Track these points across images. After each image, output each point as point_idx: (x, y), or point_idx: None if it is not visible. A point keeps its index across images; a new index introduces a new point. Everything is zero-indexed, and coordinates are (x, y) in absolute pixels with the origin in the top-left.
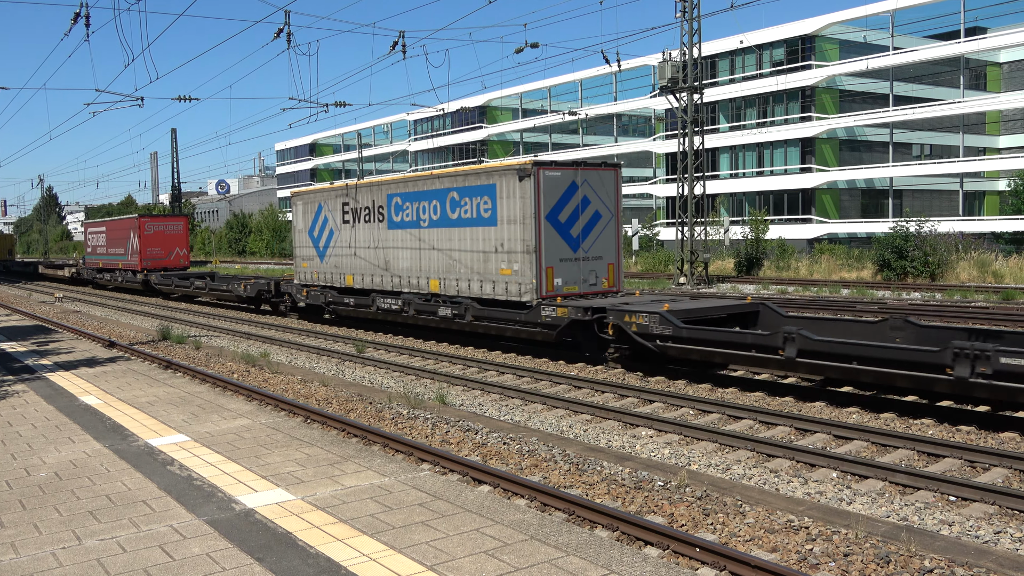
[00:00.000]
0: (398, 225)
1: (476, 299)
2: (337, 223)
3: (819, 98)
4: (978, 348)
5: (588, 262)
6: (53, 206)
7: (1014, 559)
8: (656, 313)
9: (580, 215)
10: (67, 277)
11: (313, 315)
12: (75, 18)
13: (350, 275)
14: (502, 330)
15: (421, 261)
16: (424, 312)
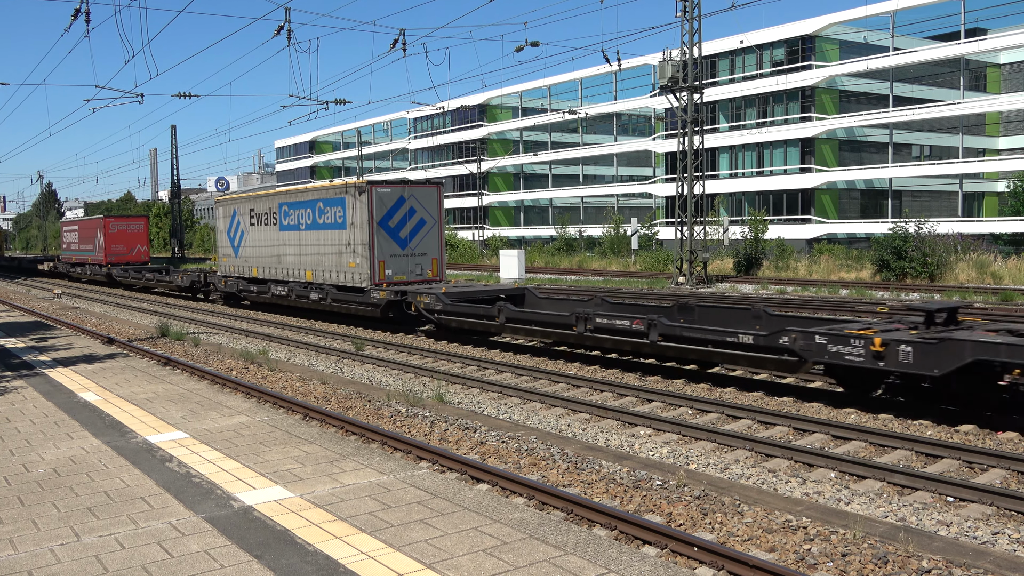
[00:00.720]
0: (286, 228)
1: (335, 286)
2: (247, 226)
3: (819, 98)
4: (585, 312)
5: (414, 258)
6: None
7: (1012, 560)
8: (434, 293)
9: (407, 222)
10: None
11: (232, 301)
12: (75, 14)
13: (255, 267)
14: (349, 309)
15: (301, 257)
16: (302, 296)
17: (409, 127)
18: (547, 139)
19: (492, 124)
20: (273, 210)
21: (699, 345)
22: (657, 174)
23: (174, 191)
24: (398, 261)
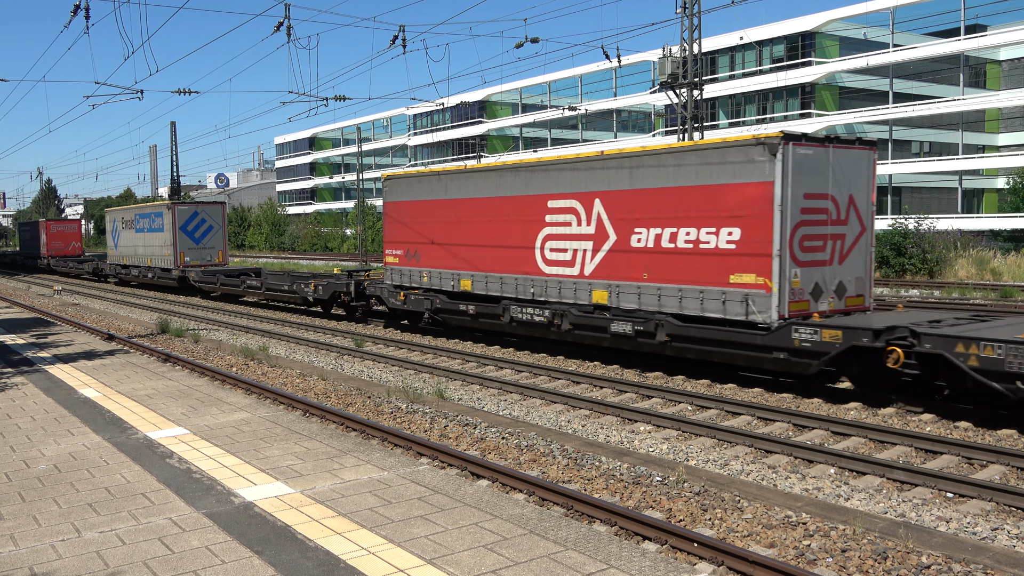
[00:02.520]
0: (139, 231)
1: (159, 268)
2: (120, 229)
3: (819, 95)
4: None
5: (204, 251)
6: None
7: (1011, 555)
8: (196, 270)
9: (201, 227)
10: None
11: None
12: (75, 10)
13: (125, 258)
14: (165, 283)
15: (146, 249)
16: (144, 275)
17: (409, 123)
18: (547, 136)
19: (492, 120)
20: (130, 219)
21: None
22: None
23: (174, 188)
24: (193, 253)
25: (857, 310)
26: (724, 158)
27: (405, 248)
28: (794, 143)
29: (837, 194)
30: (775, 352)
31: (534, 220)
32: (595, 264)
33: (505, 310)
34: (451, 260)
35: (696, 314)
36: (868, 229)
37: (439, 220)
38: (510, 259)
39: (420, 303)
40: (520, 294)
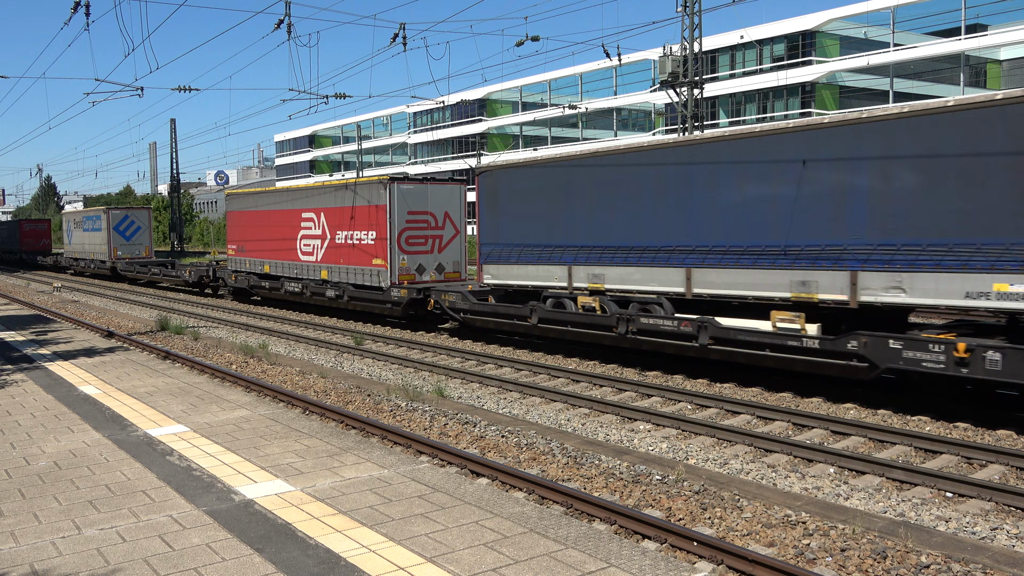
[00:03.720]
0: (85, 230)
1: (99, 260)
2: (72, 229)
3: (819, 94)
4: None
5: (133, 246)
6: (52, 196)
7: (1010, 555)
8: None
9: (131, 228)
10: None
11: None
12: (75, 7)
13: (76, 253)
14: (102, 272)
15: (91, 246)
16: (90, 267)
17: (409, 121)
18: (547, 134)
19: (492, 119)
20: (79, 221)
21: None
22: None
23: (173, 185)
24: (124, 248)
25: (454, 280)
26: (368, 190)
27: (237, 244)
28: (399, 183)
29: (435, 211)
30: (388, 303)
31: (296, 226)
32: (322, 254)
33: (282, 284)
34: (259, 252)
35: (362, 283)
36: (461, 232)
37: (253, 225)
38: (285, 251)
39: (243, 281)
40: (289, 274)
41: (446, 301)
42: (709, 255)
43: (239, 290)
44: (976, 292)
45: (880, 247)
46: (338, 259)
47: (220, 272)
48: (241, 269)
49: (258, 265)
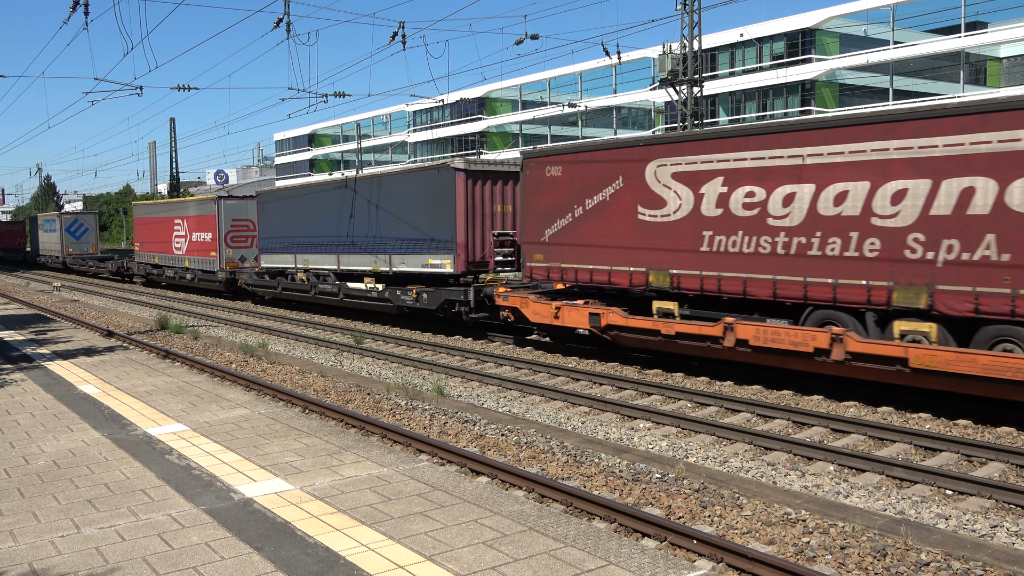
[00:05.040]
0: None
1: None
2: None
3: (819, 92)
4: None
5: (82, 244)
6: (51, 195)
7: (1010, 553)
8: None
9: (80, 229)
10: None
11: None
12: (74, 6)
13: (41, 250)
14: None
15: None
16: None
17: (408, 120)
18: (547, 132)
19: (491, 117)
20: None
21: None
22: None
23: (173, 184)
24: (74, 246)
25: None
26: (208, 204)
27: (140, 243)
28: (224, 199)
29: (252, 217)
30: (217, 282)
31: (171, 229)
32: (185, 249)
33: (163, 271)
34: (154, 248)
35: (206, 269)
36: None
37: (147, 228)
38: (168, 248)
39: (143, 270)
40: (168, 264)
41: (241, 279)
42: (347, 247)
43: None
44: (424, 263)
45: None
46: (194, 252)
47: (129, 264)
48: (142, 261)
49: (151, 258)
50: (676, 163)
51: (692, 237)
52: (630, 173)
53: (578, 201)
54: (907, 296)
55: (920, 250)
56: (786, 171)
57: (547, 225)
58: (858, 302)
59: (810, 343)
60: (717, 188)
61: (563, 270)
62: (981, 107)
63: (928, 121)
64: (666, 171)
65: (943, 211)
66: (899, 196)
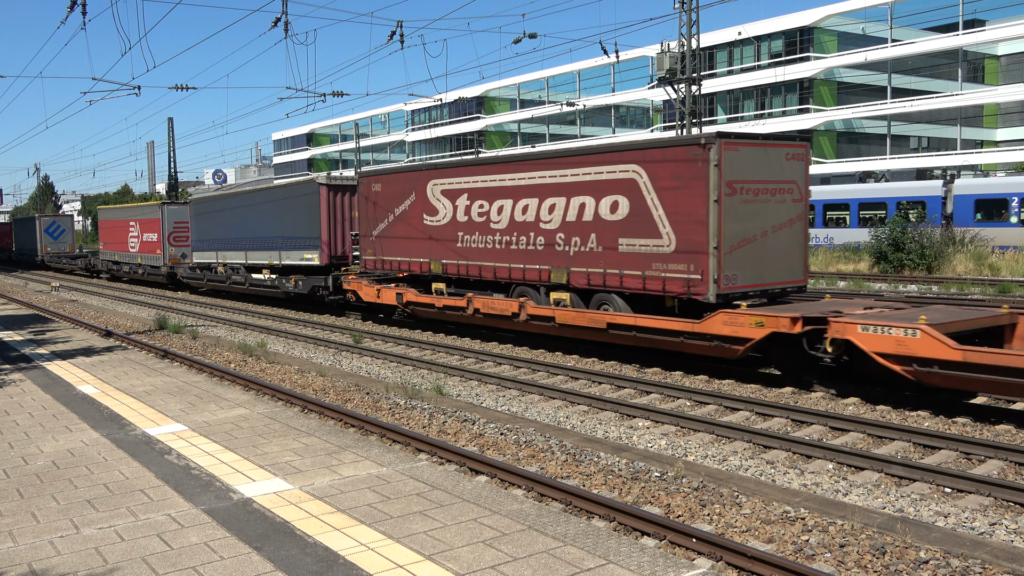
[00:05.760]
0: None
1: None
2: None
3: (817, 90)
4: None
5: (60, 244)
6: (49, 195)
7: (1009, 551)
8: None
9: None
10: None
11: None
12: (72, 5)
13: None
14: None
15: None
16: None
17: (407, 119)
18: (545, 131)
19: (490, 116)
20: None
21: None
22: None
23: (171, 184)
24: (52, 245)
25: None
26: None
27: (103, 242)
28: (167, 205)
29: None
30: (161, 276)
31: (127, 230)
32: (138, 248)
33: (121, 267)
34: (114, 247)
35: (153, 264)
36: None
37: (110, 229)
38: (125, 247)
39: (105, 267)
40: (126, 260)
41: (179, 273)
42: (251, 245)
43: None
44: (301, 257)
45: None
46: (144, 251)
47: (95, 261)
48: (105, 259)
49: (112, 256)
50: (443, 183)
51: (452, 237)
52: (419, 190)
53: (391, 210)
54: (557, 275)
55: (563, 245)
56: (499, 190)
57: (373, 228)
58: (536, 280)
59: (510, 309)
60: (464, 201)
61: (384, 262)
62: (586, 150)
63: (561, 159)
64: (438, 188)
65: (572, 218)
66: (552, 208)
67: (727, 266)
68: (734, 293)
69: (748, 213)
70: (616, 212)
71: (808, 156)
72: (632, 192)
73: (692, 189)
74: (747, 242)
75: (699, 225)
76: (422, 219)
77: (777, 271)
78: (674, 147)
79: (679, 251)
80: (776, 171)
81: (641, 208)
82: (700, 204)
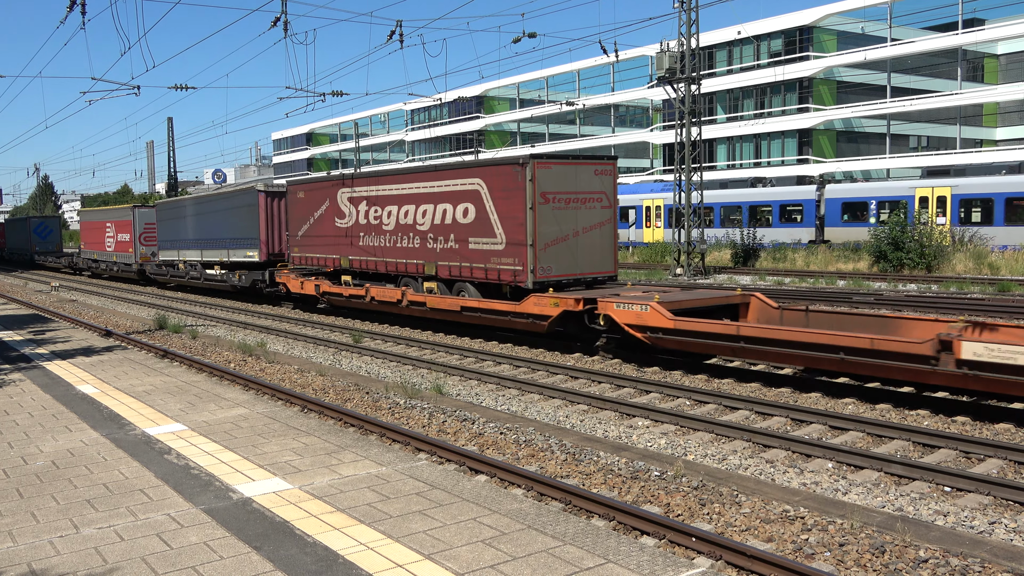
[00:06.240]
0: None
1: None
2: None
3: (816, 89)
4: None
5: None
6: (49, 195)
7: (1008, 549)
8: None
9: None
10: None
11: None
12: (71, 5)
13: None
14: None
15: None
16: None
17: (406, 119)
18: (544, 131)
19: (489, 116)
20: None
21: None
22: (654, 165)
23: (171, 183)
24: (40, 244)
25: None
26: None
27: (85, 242)
28: (139, 208)
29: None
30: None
31: (104, 231)
32: (114, 246)
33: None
34: (93, 247)
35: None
36: None
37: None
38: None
39: (86, 264)
40: (103, 259)
41: (148, 269)
42: (206, 244)
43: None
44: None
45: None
46: (118, 249)
47: (77, 260)
48: (86, 257)
49: (92, 254)
50: (349, 192)
51: (356, 237)
52: (332, 197)
53: (312, 214)
54: (429, 268)
55: (432, 243)
56: (388, 198)
57: (298, 230)
58: (415, 272)
59: (395, 296)
60: (364, 207)
61: (307, 258)
62: (447, 166)
63: (431, 172)
64: (345, 196)
65: (438, 221)
66: (424, 213)
67: (542, 259)
68: (549, 281)
69: (560, 218)
70: (467, 216)
71: (615, 172)
72: (477, 200)
73: (516, 198)
74: (559, 240)
75: (521, 227)
76: (334, 222)
77: (589, 263)
78: (504, 165)
79: (508, 248)
80: (585, 184)
81: (483, 213)
82: (521, 210)
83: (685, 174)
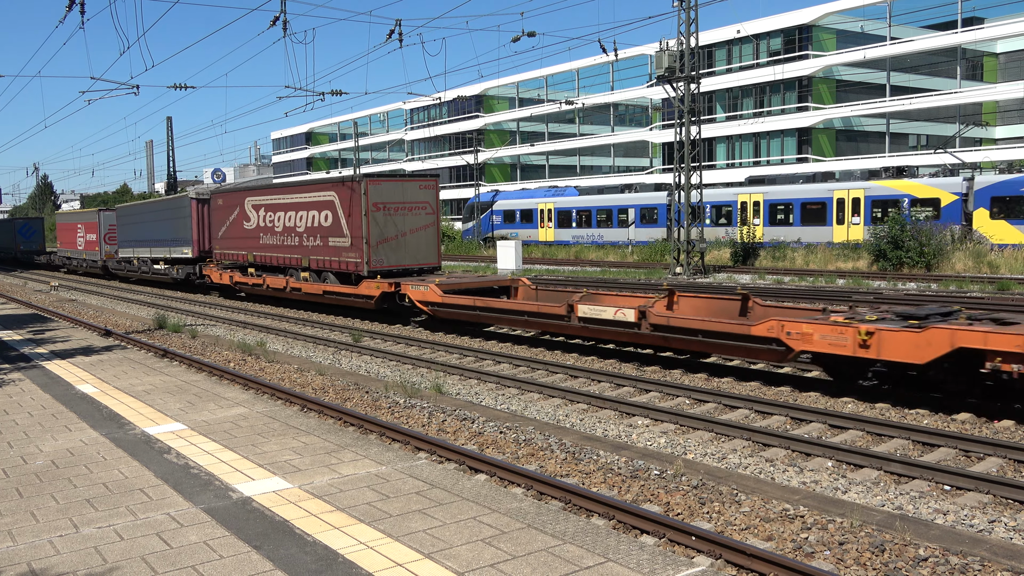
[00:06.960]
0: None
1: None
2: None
3: (816, 88)
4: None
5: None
6: (48, 194)
7: (1008, 548)
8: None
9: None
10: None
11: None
12: (71, 4)
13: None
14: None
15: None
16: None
17: (406, 118)
18: (544, 130)
19: (489, 115)
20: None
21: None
22: (654, 164)
23: (170, 183)
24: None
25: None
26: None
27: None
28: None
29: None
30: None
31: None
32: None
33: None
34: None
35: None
36: None
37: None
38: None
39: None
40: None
41: (111, 264)
42: (153, 243)
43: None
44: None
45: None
46: (87, 248)
47: (54, 258)
48: (62, 256)
49: (67, 252)
50: (253, 200)
51: (257, 237)
52: (241, 204)
53: (228, 218)
54: (304, 262)
55: (306, 241)
56: (278, 206)
57: (219, 231)
58: (296, 265)
59: (281, 284)
60: (263, 213)
61: (225, 255)
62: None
63: (305, 185)
64: (250, 203)
65: (310, 224)
66: (301, 218)
67: (375, 253)
68: (381, 270)
69: (389, 222)
70: (327, 221)
71: (437, 185)
72: (332, 209)
73: (356, 207)
74: (389, 239)
75: (360, 229)
76: (243, 225)
77: (414, 257)
78: (348, 181)
79: (352, 245)
80: (412, 196)
81: (336, 219)
82: (359, 216)
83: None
